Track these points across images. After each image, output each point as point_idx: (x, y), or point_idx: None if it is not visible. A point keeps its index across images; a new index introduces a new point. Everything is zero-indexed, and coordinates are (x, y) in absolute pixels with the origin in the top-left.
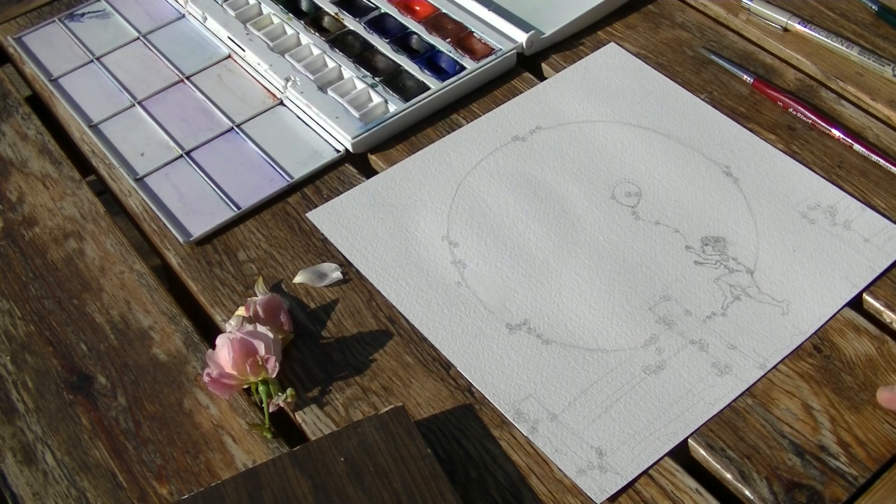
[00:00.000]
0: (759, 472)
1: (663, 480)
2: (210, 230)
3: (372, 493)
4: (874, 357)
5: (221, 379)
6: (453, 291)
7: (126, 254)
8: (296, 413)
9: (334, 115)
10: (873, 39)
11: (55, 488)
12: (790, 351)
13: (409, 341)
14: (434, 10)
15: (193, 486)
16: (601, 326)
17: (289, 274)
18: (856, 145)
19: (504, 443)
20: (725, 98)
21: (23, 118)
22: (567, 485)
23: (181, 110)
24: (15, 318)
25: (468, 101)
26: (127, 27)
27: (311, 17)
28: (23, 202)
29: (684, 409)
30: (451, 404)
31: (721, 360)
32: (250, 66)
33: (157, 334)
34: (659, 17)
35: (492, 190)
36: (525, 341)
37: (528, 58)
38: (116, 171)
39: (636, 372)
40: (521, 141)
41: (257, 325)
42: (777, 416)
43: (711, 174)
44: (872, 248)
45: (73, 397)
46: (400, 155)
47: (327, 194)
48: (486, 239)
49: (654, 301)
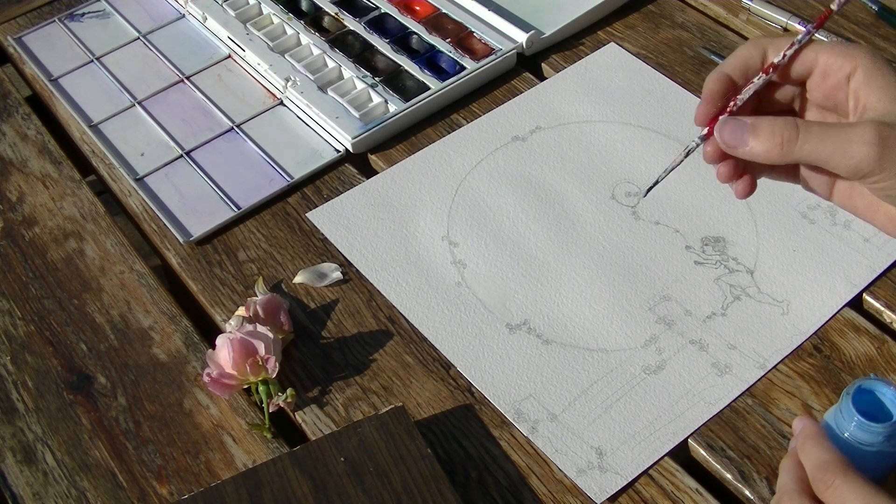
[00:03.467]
0: (759, 472)
1: (663, 480)
2: (210, 230)
3: (372, 493)
4: (874, 357)
5: (221, 379)
6: (453, 291)
7: (126, 254)
8: (296, 413)
9: (334, 115)
10: (873, 39)
11: (55, 488)
12: (790, 351)
13: (409, 341)
14: (434, 10)
15: (193, 486)
16: (601, 326)
17: (289, 274)
18: None
19: (504, 443)
20: None
21: (23, 118)
22: (567, 485)
23: (181, 110)
24: (15, 318)
25: (468, 101)
26: (127, 27)
27: (311, 17)
28: (23, 202)
29: (684, 409)
30: (451, 404)
31: (721, 360)
32: (250, 66)
33: (157, 334)
34: (659, 17)
35: (492, 190)
36: (525, 341)
37: (528, 58)
38: (116, 171)
39: (636, 372)
40: (521, 141)
41: (257, 325)
42: (777, 416)
43: (711, 174)
44: (872, 248)
45: (73, 397)
46: (400, 155)
47: (327, 194)
48: (487, 239)
49: (654, 301)
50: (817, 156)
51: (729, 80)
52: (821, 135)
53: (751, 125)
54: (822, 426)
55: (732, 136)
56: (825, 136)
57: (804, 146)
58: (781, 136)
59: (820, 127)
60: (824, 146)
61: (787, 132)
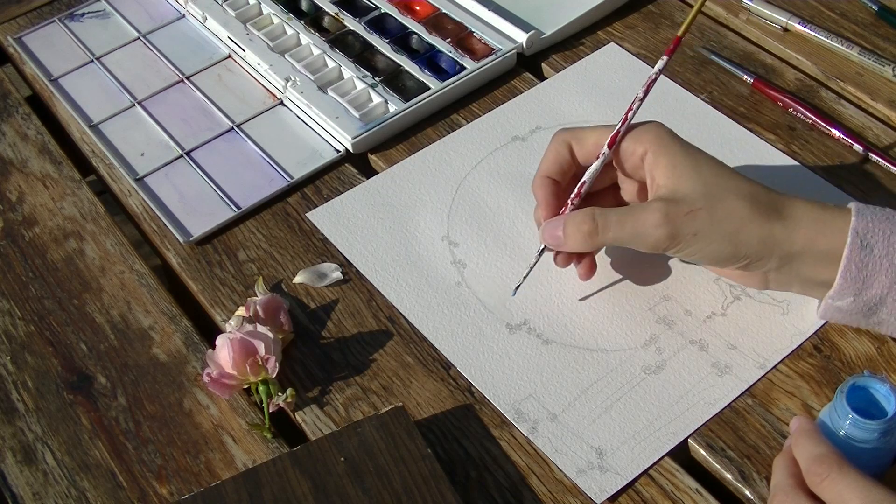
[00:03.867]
0: (759, 472)
1: (663, 480)
2: (210, 230)
3: (372, 493)
4: (874, 357)
5: (221, 379)
6: (453, 291)
7: (126, 254)
8: (296, 413)
9: (334, 115)
10: (873, 39)
11: (55, 488)
12: (790, 351)
13: (409, 341)
14: (434, 10)
15: (193, 486)
16: (601, 326)
17: (289, 274)
18: (856, 145)
19: (504, 443)
20: (725, 98)
21: (23, 118)
22: (567, 485)
23: (181, 110)
24: (15, 318)
25: (468, 101)
26: (127, 27)
27: (311, 17)
28: (23, 202)
29: (684, 409)
30: (451, 404)
31: (721, 360)
32: (250, 66)
33: (157, 334)
34: (659, 17)
35: (492, 190)
36: (525, 341)
37: (528, 58)
38: (116, 171)
39: (636, 372)
40: (521, 141)
41: (257, 325)
42: (777, 416)
43: None
44: None
45: (73, 397)
46: (400, 155)
47: (327, 194)
48: (486, 239)
49: (653, 301)
50: (621, 241)
51: (551, 182)
52: (618, 223)
53: (562, 224)
54: (818, 424)
55: (552, 238)
56: (622, 224)
57: (606, 235)
58: (584, 230)
59: (617, 216)
60: (623, 233)
61: (586, 226)
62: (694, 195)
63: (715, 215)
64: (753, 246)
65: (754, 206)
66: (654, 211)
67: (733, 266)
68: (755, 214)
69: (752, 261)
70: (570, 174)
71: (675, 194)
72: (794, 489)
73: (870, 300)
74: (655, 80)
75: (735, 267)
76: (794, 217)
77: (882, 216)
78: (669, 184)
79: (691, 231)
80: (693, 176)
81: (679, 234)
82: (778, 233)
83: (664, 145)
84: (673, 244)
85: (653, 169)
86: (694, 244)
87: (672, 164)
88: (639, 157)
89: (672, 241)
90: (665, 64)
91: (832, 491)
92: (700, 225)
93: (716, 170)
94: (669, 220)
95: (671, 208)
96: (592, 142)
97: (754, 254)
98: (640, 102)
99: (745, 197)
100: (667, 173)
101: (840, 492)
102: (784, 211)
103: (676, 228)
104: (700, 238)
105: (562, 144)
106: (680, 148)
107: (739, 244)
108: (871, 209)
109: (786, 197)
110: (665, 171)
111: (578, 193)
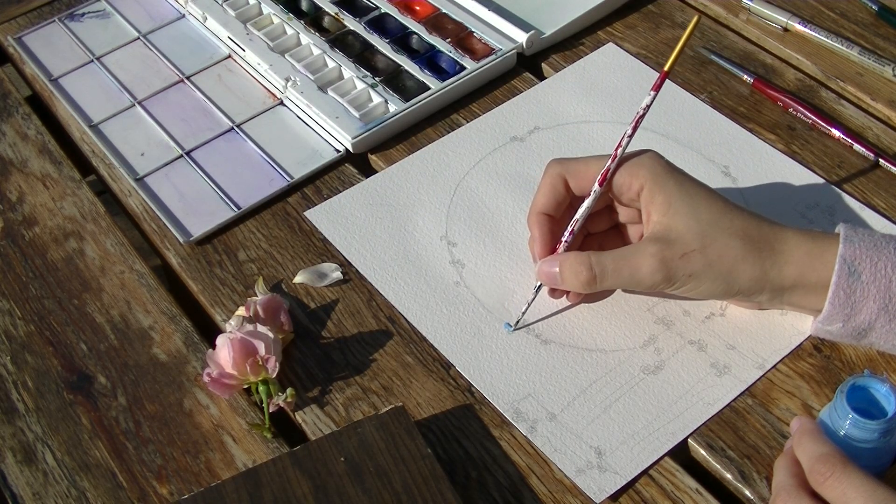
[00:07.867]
0: (759, 472)
1: (663, 480)
2: (210, 230)
3: (372, 493)
4: (874, 357)
5: (221, 379)
6: (452, 291)
7: (126, 254)
8: (296, 413)
9: (334, 115)
10: (873, 39)
11: (55, 488)
12: (790, 351)
13: (409, 341)
14: (434, 10)
15: (193, 486)
16: (600, 326)
17: (289, 274)
18: (856, 145)
19: (504, 443)
20: (725, 98)
21: (23, 118)
22: (567, 485)
23: (181, 110)
24: (15, 318)
25: (468, 101)
26: (127, 27)
27: (311, 17)
28: (23, 202)
29: (683, 410)
30: (451, 404)
31: (720, 361)
32: (250, 66)
33: (157, 334)
34: (659, 17)
35: (490, 190)
36: (524, 341)
37: (528, 58)
38: (116, 171)
39: (635, 372)
40: (519, 141)
41: (257, 325)
42: (777, 416)
43: (710, 174)
44: None
45: (73, 397)
46: (400, 155)
47: (327, 194)
48: (485, 239)
49: (652, 301)
50: (619, 285)
51: (546, 218)
52: (615, 271)
53: (558, 265)
54: (818, 424)
55: (548, 278)
56: (619, 271)
57: (604, 283)
58: (582, 279)
59: (613, 262)
60: (620, 278)
61: (584, 276)
62: (689, 235)
63: (709, 256)
64: (745, 283)
65: (746, 244)
66: (649, 256)
67: (725, 300)
68: (747, 252)
69: (745, 296)
70: (564, 206)
71: (670, 234)
72: (797, 489)
73: (858, 325)
74: (644, 115)
75: (727, 300)
76: (784, 252)
77: (870, 242)
78: (665, 220)
79: (686, 273)
80: (688, 213)
81: (675, 277)
82: (769, 269)
83: (659, 182)
84: (668, 284)
85: (648, 205)
86: (688, 283)
87: (668, 202)
88: (635, 191)
89: (668, 283)
90: (653, 99)
91: (836, 490)
92: (695, 267)
93: (710, 205)
94: (665, 264)
95: (666, 252)
96: (586, 174)
97: (746, 290)
98: (629, 139)
99: (738, 235)
100: (662, 210)
101: (844, 491)
102: (776, 245)
103: (672, 272)
104: (695, 279)
105: (556, 178)
106: (675, 183)
107: (732, 283)
108: (860, 235)
109: (777, 228)
110: (661, 209)
111: (572, 231)
